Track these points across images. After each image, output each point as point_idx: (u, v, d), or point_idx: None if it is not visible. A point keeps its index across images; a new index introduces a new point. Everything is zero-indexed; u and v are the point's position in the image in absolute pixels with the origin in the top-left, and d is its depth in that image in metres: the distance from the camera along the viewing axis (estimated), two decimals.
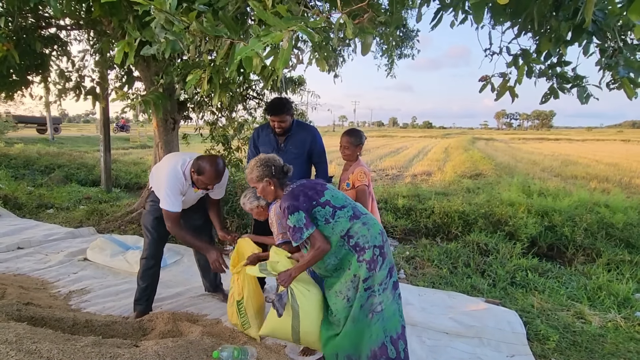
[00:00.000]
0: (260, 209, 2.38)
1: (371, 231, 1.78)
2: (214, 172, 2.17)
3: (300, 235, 1.71)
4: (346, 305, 1.78)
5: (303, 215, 1.72)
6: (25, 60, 3.05)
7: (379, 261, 1.75)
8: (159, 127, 4.18)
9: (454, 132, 75.30)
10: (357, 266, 1.74)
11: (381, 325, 1.76)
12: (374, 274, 1.74)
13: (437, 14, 1.88)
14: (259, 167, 1.91)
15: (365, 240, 1.75)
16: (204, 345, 1.90)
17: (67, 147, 15.63)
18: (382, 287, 1.77)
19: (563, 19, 1.57)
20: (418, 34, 5.12)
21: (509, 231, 4.92)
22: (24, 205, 5.62)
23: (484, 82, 1.88)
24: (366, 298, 1.75)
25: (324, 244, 1.74)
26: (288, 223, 1.73)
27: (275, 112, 2.52)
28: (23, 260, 3.51)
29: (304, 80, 5.47)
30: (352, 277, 1.76)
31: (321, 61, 1.61)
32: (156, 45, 1.63)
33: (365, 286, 1.74)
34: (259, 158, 1.95)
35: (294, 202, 1.75)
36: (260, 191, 1.95)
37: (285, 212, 1.75)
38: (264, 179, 1.91)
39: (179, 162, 2.25)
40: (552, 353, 2.37)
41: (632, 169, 12.21)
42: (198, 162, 2.20)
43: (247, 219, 4.26)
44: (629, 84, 1.55)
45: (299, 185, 1.87)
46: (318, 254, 1.75)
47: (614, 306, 3.06)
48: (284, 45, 1.21)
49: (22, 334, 1.58)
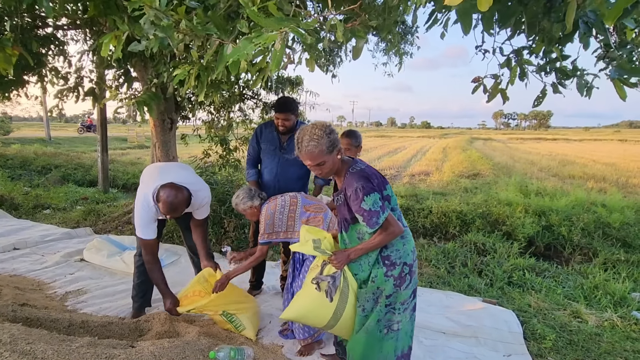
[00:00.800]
0: (254, 210, 2.34)
1: (406, 247, 1.66)
2: (167, 205, 2.05)
3: (377, 219, 1.51)
4: (360, 314, 1.68)
5: (378, 197, 1.52)
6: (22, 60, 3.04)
7: (406, 280, 1.65)
8: (156, 127, 4.17)
9: (452, 132, 75.41)
10: (383, 280, 1.63)
11: (393, 343, 1.69)
12: (398, 292, 1.64)
13: (431, 15, 1.88)
14: (330, 134, 1.55)
15: (398, 255, 1.63)
16: (200, 345, 1.90)
17: (64, 148, 15.58)
18: (404, 306, 1.67)
19: (555, 20, 1.57)
20: (417, 29, 5.11)
21: (507, 231, 4.94)
22: (21, 205, 5.60)
23: (476, 84, 1.88)
24: (384, 313, 1.66)
25: (398, 227, 1.56)
26: (362, 206, 1.50)
27: (281, 109, 2.56)
28: (19, 261, 3.49)
29: (302, 80, 5.47)
30: (376, 289, 1.65)
31: (310, 61, 1.59)
32: (145, 42, 1.61)
33: (387, 302, 1.65)
34: (320, 124, 1.58)
35: (367, 183, 1.53)
36: (328, 167, 1.59)
37: (358, 193, 1.51)
38: (336, 148, 1.58)
39: (151, 188, 2.15)
40: (548, 352, 2.38)
41: (629, 168, 12.26)
42: (159, 190, 2.10)
43: (245, 220, 4.26)
44: (620, 85, 1.55)
45: (366, 167, 1.64)
46: (390, 237, 1.57)
47: (611, 305, 3.08)
48: (276, 47, 1.20)
49: (16, 335, 1.57)
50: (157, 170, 2.37)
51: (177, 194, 2.07)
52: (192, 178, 2.33)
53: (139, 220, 2.17)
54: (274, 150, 2.64)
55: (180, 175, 2.26)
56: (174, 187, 2.09)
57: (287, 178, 2.61)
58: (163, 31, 1.47)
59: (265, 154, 2.69)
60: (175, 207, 2.08)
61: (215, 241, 4.11)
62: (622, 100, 1.56)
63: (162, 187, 2.10)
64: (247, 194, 2.33)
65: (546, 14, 1.61)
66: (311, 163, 1.58)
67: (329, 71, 5.51)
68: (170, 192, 2.07)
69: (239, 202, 2.33)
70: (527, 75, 1.80)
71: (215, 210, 4.21)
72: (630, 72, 1.52)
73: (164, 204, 2.06)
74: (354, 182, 1.55)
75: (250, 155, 2.78)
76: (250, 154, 2.77)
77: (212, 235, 4.11)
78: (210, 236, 4.10)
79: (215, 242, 4.10)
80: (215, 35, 1.49)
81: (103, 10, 2.35)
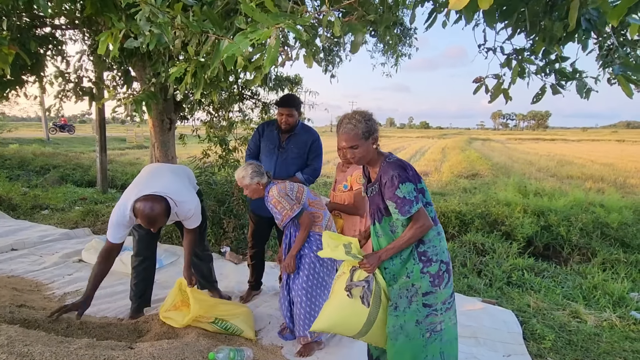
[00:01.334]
0: (259, 187, 2.22)
1: (442, 244, 1.62)
2: (145, 218, 1.99)
3: (410, 208, 1.50)
4: (392, 312, 1.60)
5: (413, 187, 1.52)
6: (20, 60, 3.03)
7: (444, 278, 1.59)
8: (155, 128, 4.16)
9: (450, 133, 75.59)
10: (419, 276, 1.57)
11: (438, 345, 1.59)
12: (437, 291, 1.57)
13: (431, 15, 1.88)
14: (367, 121, 1.58)
15: (435, 252, 1.59)
16: (199, 346, 1.89)
17: (62, 148, 15.54)
18: (446, 306, 1.61)
19: (557, 18, 1.57)
20: (416, 31, 5.10)
21: (506, 231, 4.94)
22: (19, 206, 5.57)
23: (478, 84, 1.87)
24: (425, 315, 1.57)
25: (428, 221, 1.53)
26: (397, 193, 1.51)
27: (286, 104, 2.55)
28: (17, 262, 3.48)
29: (301, 80, 5.46)
30: (410, 285, 1.58)
31: (308, 58, 1.58)
32: (141, 38, 1.59)
33: (425, 301, 1.57)
34: (360, 111, 1.62)
35: (404, 172, 1.54)
36: (361, 152, 1.60)
37: (393, 181, 1.52)
38: (372, 136, 1.60)
39: (132, 196, 2.08)
40: (548, 352, 2.38)
41: (627, 169, 12.31)
42: (136, 203, 2.02)
43: (244, 220, 4.25)
44: (625, 82, 1.52)
45: (400, 159, 1.65)
46: (420, 232, 1.54)
47: (609, 305, 3.08)
48: (271, 43, 1.19)
49: (14, 337, 1.56)
50: (147, 174, 2.31)
51: (152, 206, 1.99)
52: (179, 186, 2.24)
53: (111, 221, 2.11)
54: (273, 149, 2.63)
55: (168, 183, 2.19)
56: (149, 199, 2.01)
57: (285, 177, 2.60)
58: (159, 28, 1.46)
59: (263, 152, 2.69)
60: (152, 219, 2.01)
61: (214, 241, 4.10)
62: (628, 97, 1.53)
63: (138, 200, 2.02)
64: (257, 170, 2.22)
65: (547, 12, 1.61)
66: (345, 145, 1.60)
67: (328, 71, 5.50)
68: (145, 204, 1.99)
69: (247, 175, 2.20)
70: (527, 73, 1.80)
71: (215, 211, 4.20)
72: (634, 69, 1.51)
73: (140, 217, 2.00)
74: (390, 170, 1.56)
75: (250, 150, 2.77)
76: (251, 149, 2.77)
77: (211, 236, 4.10)
78: (210, 236, 4.09)
79: (215, 243, 4.09)
80: (211, 32, 1.48)
81: (100, 9, 2.34)
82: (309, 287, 2.15)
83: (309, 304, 2.15)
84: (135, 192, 2.10)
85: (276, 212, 2.18)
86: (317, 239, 2.18)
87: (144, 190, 2.07)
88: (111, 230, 2.12)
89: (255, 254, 2.86)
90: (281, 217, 2.16)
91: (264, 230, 2.82)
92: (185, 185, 2.35)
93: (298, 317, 2.17)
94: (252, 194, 2.27)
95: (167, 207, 2.07)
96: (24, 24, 3.11)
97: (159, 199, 2.04)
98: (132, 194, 2.10)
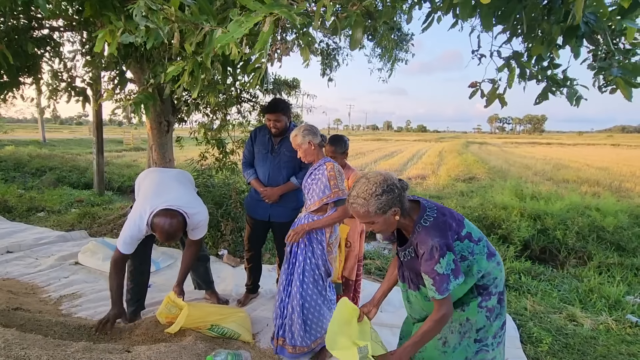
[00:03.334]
0: (310, 147, 2.08)
1: (502, 274, 1.46)
2: (164, 235, 2.01)
3: (447, 285, 1.28)
4: (440, 348, 1.44)
5: (452, 258, 1.30)
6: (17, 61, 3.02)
7: (496, 309, 1.44)
8: (152, 130, 4.16)
9: (447, 136, 75.91)
10: (475, 311, 1.42)
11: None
12: (489, 325, 1.43)
13: (428, 17, 1.89)
14: (382, 195, 1.31)
15: (495, 284, 1.43)
16: (197, 350, 1.88)
17: (59, 150, 15.46)
18: (497, 340, 1.46)
19: (555, 22, 1.58)
20: (412, 37, 5.14)
21: (502, 234, 4.96)
22: (14, 208, 5.53)
23: (473, 89, 1.88)
24: (475, 352, 1.44)
25: (450, 310, 1.35)
26: (436, 268, 1.28)
27: (271, 110, 2.53)
28: (12, 265, 3.45)
29: (299, 83, 5.48)
30: (465, 320, 1.43)
31: (305, 50, 1.57)
32: (137, 34, 1.59)
33: (477, 337, 1.43)
34: (378, 178, 1.34)
35: (444, 239, 1.31)
36: (380, 227, 1.38)
37: (433, 253, 1.29)
38: (392, 209, 1.34)
39: (147, 209, 2.06)
40: (545, 356, 2.38)
41: (622, 173, 12.41)
42: (154, 219, 2.03)
43: (242, 223, 4.24)
44: (624, 85, 1.52)
45: (438, 213, 1.38)
46: (441, 325, 1.34)
47: (605, 309, 3.10)
48: (264, 29, 1.20)
49: (10, 340, 1.55)
50: (154, 185, 2.28)
51: (171, 222, 2.01)
52: (189, 197, 2.25)
53: (124, 235, 2.10)
54: (265, 154, 2.62)
55: (179, 195, 2.19)
56: (168, 215, 2.02)
57: (279, 182, 2.60)
58: (154, 23, 1.46)
59: (257, 157, 2.68)
60: (171, 235, 2.03)
61: (212, 244, 4.09)
62: (627, 100, 1.53)
63: (156, 215, 2.03)
64: (310, 128, 2.11)
65: (545, 16, 1.63)
66: (359, 220, 1.42)
67: (326, 75, 5.53)
68: (165, 220, 2.00)
69: (299, 133, 2.09)
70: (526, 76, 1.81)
71: (212, 214, 4.18)
72: (632, 71, 1.52)
73: (160, 233, 2.01)
74: (429, 239, 1.32)
75: (245, 158, 2.77)
76: (246, 157, 2.76)
77: (208, 239, 4.09)
78: (207, 239, 4.07)
79: (212, 245, 4.08)
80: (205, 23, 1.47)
81: (99, 10, 2.34)
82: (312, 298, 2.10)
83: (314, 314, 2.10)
84: (148, 206, 2.08)
85: (324, 187, 2.04)
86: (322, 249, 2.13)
87: (158, 204, 2.06)
88: (126, 245, 2.11)
89: (251, 257, 2.85)
90: (329, 193, 2.04)
91: (260, 233, 2.82)
92: (194, 196, 2.34)
93: (299, 326, 2.10)
94: (304, 155, 2.12)
95: (184, 221, 2.09)
96: (21, 25, 3.11)
97: (176, 214, 2.05)
98: (145, 208, 2.08)
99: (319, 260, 2.11)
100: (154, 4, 1.45)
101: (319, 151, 2.14)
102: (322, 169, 2.10)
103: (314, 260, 2.12)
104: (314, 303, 2.10)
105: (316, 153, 2.13)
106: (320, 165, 2.12)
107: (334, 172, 2.06)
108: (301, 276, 2.12)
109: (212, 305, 2.69)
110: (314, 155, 2.13)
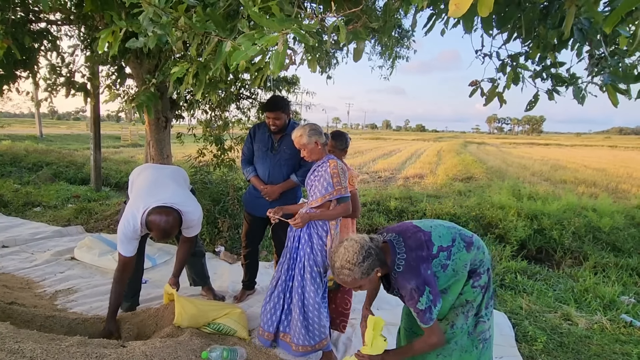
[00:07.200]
0: (316, 146, 2.09)
1: (486, 253, 1.58)
2: (160, 232, 2.00)
3: (431, 315, 1.40)
4: (449, 330, 1.54)
5: (429, 290, 1.40)
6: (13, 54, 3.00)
7: (487, 284, 1.58)
8: (150, 126, 4.14)
9: (446, 136, 76.00)
10: (471, 292, 1.54)
11: (489, 354, 1.59)
12: (485, 299, 1.57)
13: (429, 19, 1.89)
14: (362, 262, 1.39)
15: (482, 264, 1.56)
16: (193, 345, 1.88)
17: (56, 145, 15.38)
18: (489, 310, 1.59)
19: (551, 27, 1.60)
20: (413, 34, 5.13)
21: (499, 234, 4.98)
22: (10, 203, 5.50)
23: (473, 87, 1.89)
24: (474, 325, 1.56)
25: (441, 339, 1.45)
26: (418, 307, 1.41)
27: (270, 108, 2.52)
28: (8, 259, 3.43)
29: (298, 80, 5.46)
30: (465, 302, 1.54)
31: (313, 62, 1.58)
32: (142, 38, 1.58)
33: (475, 312, 1.56)
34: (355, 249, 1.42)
35: (419, 278, 1.41)
36: (367, 286, 1.51)
37: (413, 295, 1.40)
38: (374, 271, 1.44)
39: (140, 207, 2.04)
40: (539, 354, 2.40)
41: (619, 174, 12.47)
42: (149, 217, 2.01)
43: (239, 220, 4.24)
44: (613, 91, 1.56)
45: (406, 250, 1.47)
46: (428, 348, 1.48)
47: (600, 308, 3.11)
48: (279, 49, 1.20)
49: (4, 334, 1.54)
50: (148, 183, 2.25)
51: (167, 219, 2.00)
52: (184, 196, 2.23)
53: (121, 236, 2.08)
54: (265, 152, 2.61)
55: (173, 193, 2.17)
56: (162, 212, 2.00)
57: (279, 179, 2.59)
58: (162, 28, 1.46)
59: (257, 155, 2.67)
60: (167, 232, 2.02)
61: (209, 241, 4.09)
62: (614, 106, 1.58)
63: (151, 212, 2.01)
64: (315, 127, 2.11)
65: (542, 20, 1.64)
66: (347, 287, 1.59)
67: (325, 72, 5.51)
68: (160, 217, 1.99)
69: (304, 133, 2.08)
70: (521, 79, 1.82)
71: (210, 210, 4.18)
72: (622, 79, 1.55)
73: (156, 230, 2.00)
74: (406, 284, 1.42)
75: (245, 155, 2.76)
76: (245, 154, 2.75)
77: (205, 235, 4.08)
78: (204, 236, 4.07)
79: (209, 242, 4.07)
80: (213, 33, 1.48)
81: (100, 6, 2.32)
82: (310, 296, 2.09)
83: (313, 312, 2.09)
84: (142, 204, 2.06)
85: (327, 184, 2.07)
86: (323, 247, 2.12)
87: (152, 202, 2.04)
88: (124, 246, 2.10)
89: (248, 254, 2.85)
90: (332, 190, 2.06)
91: (257, 230, 2.82)
92: (188, 195, 2.32)
93: (300, 323, 2.09)
94: (309, 154, 2.13)
95: (179, 218, 2.07)
96: (19, 18, 3.08)
97: (171, 211, 2.04)
98: (139, 206, 2.05)
99: (317, 256, 2.11)
100: (164, 13, 1.44)
101: (323, 149, 2.16)
102: (325, 166, 2.11)
103: (312, 256, 2.12)
104: (312, 301, 2.10)
105: (321, 151, 2.15)
106: (324, 163, 2.13)
107: (337, 169, 2.07)
108: (302, 271, 2.12)
109: (208, 301, 2.70)
110: (319, 154, 2.14)
